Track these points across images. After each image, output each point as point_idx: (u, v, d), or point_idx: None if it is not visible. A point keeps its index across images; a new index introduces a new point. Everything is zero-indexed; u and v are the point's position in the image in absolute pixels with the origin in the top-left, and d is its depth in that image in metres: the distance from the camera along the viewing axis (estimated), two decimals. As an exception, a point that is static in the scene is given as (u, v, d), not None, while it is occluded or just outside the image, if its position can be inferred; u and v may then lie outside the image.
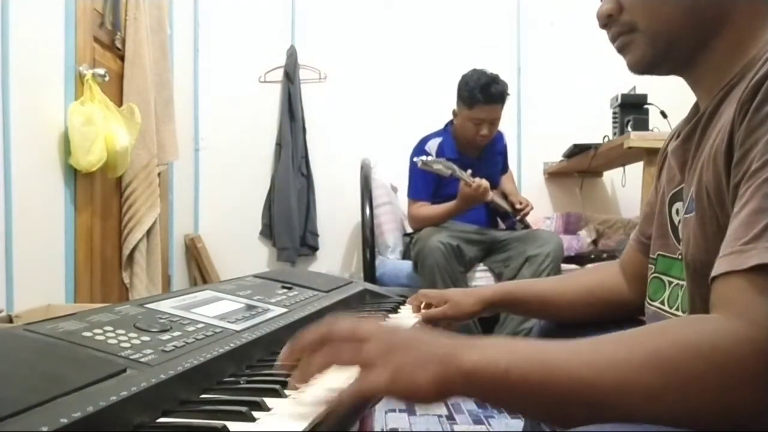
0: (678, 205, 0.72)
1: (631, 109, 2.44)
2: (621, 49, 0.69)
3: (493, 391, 0.49)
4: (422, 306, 1.02)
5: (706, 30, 0.64)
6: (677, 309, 0.72)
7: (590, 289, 0.95)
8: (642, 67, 0.68)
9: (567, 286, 0.98)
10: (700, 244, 0.62)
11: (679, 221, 0.70)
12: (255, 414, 0.48)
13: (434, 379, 0.48)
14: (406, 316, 1.01)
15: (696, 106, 0.72)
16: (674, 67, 0.69)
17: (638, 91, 2.50)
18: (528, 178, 3.30)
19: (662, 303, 0.75)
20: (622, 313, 0.92)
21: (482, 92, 2.33)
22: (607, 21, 0.68)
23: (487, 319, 2.29)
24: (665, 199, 0.75)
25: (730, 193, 0.56)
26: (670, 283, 0.74)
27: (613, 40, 0.70)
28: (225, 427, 0.45)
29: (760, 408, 0.44)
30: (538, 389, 0.47)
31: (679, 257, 0.70)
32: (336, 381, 0.53)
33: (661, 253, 0.77)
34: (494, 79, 2.36)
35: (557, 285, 1.00)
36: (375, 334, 0.52)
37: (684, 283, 0.69)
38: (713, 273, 0.51)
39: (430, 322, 0.98)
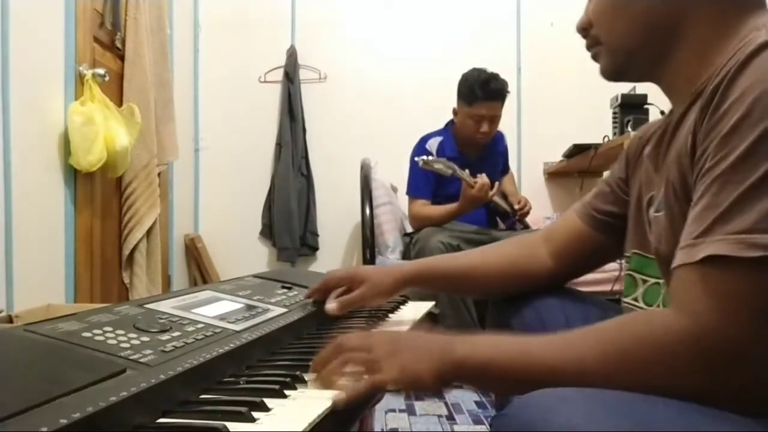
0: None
1: (631, 109, 2.45)
2: (593, 58, 0.76)
3: (480, 377, 0.61)
4: (333, 292, 0.93)
5: (661, 43, 0.68)
6: (658, 306, 0.74)
7: (512, 261, 0.93)
8: (608, 75, 0.75)
9: (487, 258, 0.95)
10: (669, 241, 0.64)
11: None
12: (255, 414, 0.48)
13: (433, 370, 0.60)
14: (406, 316, 1.01)
15: (670, 113, 0.74)
16: (639, 76, 0.74)
17: (638, 91, 2.50)
18: (528, 178, 3.30)
19: (635, 300, 0.78)
20: (544, 284, 0.90)
21: (482, 88, 2.34)
22: (583, 33, 0.76)
23: (485, 319, 2.29)
24: (643, 201, 0.77)
25: (694, 190, 0.59)
26: (644, 281, 0.77)
27: (587, 49, 0.76)
28: (225, 427, 0.45)
29: (700, 393, 0.50)
30: (517, 375, 0.58)
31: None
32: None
33: (636, 251, 0.79)
34: (494, 76, 2.37)
35: (478, 258, 0.96)
36: (380, 343, 0.64)
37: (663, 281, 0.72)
38: (671, 267, 0.56)
39: (349, 307, 0.90)
